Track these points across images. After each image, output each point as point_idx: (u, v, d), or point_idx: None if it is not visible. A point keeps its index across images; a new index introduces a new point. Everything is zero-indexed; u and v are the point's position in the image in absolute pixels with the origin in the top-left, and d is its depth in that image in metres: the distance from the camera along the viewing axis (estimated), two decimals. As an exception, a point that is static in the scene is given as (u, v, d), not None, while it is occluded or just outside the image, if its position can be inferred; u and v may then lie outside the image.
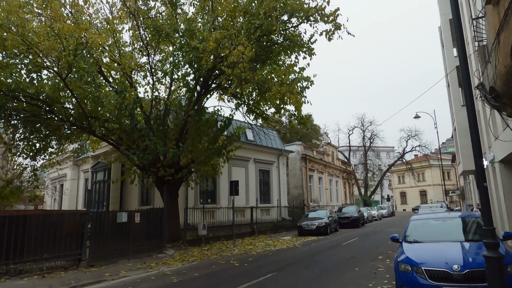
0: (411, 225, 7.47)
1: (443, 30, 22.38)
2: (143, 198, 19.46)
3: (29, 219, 9.08)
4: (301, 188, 29.77)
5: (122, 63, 13.70)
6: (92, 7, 13.28)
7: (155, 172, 13.95)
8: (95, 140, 16.78)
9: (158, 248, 12.76)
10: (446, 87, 24.65)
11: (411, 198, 63.90)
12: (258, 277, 8.38)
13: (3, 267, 8.39)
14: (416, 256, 5.96)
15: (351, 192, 46.06)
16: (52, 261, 9.44)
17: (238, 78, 10.74)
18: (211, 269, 9.79)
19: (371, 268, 9.21)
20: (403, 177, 63.65)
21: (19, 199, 15.57)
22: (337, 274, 8.60)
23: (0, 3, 10.08)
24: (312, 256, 11.67)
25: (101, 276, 8.87)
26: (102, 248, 10.64)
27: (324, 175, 35.24)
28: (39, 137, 14.43)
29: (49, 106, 12.56)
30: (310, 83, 12.69)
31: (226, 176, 20.39)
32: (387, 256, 10.97)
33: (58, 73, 11.29)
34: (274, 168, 25.79)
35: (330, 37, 11.26)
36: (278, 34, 12.72)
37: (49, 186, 30.60)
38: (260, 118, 15.93)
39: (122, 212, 11.71)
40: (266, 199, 24.59)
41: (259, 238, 18.49)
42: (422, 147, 48.00)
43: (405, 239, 6.98)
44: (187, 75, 14.69)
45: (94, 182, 22.73)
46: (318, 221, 19.93)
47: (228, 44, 10.66)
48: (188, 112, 13.99)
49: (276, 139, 26.85)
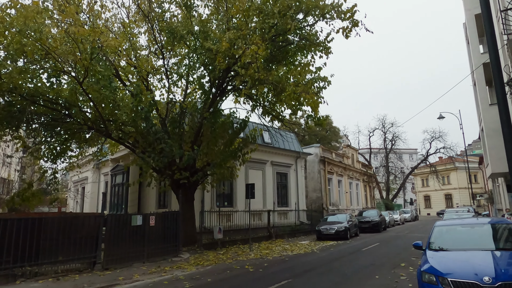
0: (436, 231, 6.96)
1: (468, 27, 21.42)
2: (160, 201, 19.53)
3: (44, 222, 9.13)
4: (320, 191, 29.20)
5: (138, 67, 13.79)
6: (109, 11, 13.41)
7: (170, 175, 13.92)
8: (113, 144, 16.98)
9: (173, 252, 12.66)
10: (472, 85, 23.55)
11: (436, 201, 61.68)
12: (272, 284, 8.07)
13: (19, 270, 8.47)
14: (441, 265, 5.49)
15: (372, 196, 44.89)
16: (67, 263, 9.47)
17: (252, 79, 10.51)
18: (224, 275, 9.55)
19: (393, 276, 8.71)
20: (427, 180, 61.50)
21: (40, 201, 15.88)
22: (356, 282, 8.17)
23: (19, 10, 10.29)
24: (330, 262, 11.23)
25: (114, 280, 8.80)
26: (117, 251, 10.61)
27: (343, 178, 34.47)
28: (59, 140, 14.72)
29: (67, 110, 12.75)
30: (327, 83, 12.29)
31: (242, 179, 20.20)
32: (410, 264, 10.40)
33: (75, 77, 11.44)
34: (292, 171, 25.38)
35: (348, 35, 10.87)
36: (293, 34, 12.43)
37: (71, 188, 31.38)
38: (276, 120, 15.64)
39: (137, 215, 11.68)
40: (283, 202, 24.21)
41: (276, 242, 18.14)
42: (447, 149, 46.29)
43: (429, 246, 6.49)
44: (202, 77, 14.65)
45: (113, 185, 23.07)
46: (338, 225, 19.37)
47: (241, 44, 10.46)
48: (203, 114, 13.91)
49: (294, 141, 26.46)
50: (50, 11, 11.58)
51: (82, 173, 29.04)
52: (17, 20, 9.80)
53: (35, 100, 11.87)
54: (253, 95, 14.88)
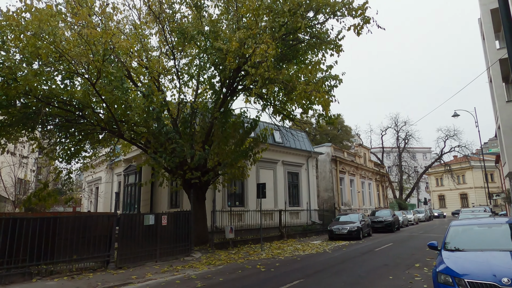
0: (451, 231, 6.80)
1: (483, 22, 20.91)
2: (172, 201, 19.67)
3: (59, 221, 9.29)
4: (332, 191, 28.96)
5: (150, 67, 13.93)
6: (120, 13, 13.57)
7: (182, 174, 14.00)
8: (125, 144, 17.19)
9: (185, 251, 12.73)
10: (488, 82, 23.00)
11: (451, 201, 60.51)
12: (283, 284, 8.02)
13: (36, 268, 8.63)
14: (457, 266, 5.36)
15: (385, 195, 44.31)
16: (81, 262, 9.62)
17: (262, 78, 10.47)
18: (236, 274, 9.55)
19: (407, 277, 8.55)
20: (442, 180, 60.39)
21: (55, 201, 16.19)
22: (369, 282, 8.05)
23: (33, 13, 10.50)
24: (342, 263, 11.11)
25: (127, 279, 8.90)
26: (129, 250, 10.73)
27: (355, 177, 34.11)
28: (73, 141, 14.98)
29: (81, 111, 12.96)
30: (338, 82, 12.16)
31: (254, 178, 20.19)
32: (425, 264, 10.20)
33: (88, 79, 11.61)
34: (303, 170, 25.24)
35: (359, 32, 10.72)
36: (304, 32, 12.35)
37: (85, 189, 31.92)
38: (287, 119, 15.58)
39: (149, 215, 11.78)
40: (295, 202, 24.10)
41: (288, 242, 18.06)
42: (462, 147, 45.30)
43: (444, 246, 6.35)
44: (213, 78, 14.69)
45: (126, 185, 23.36)
46: (350, 225, 19.17)
47: (251, 43, 10.44)
48: (214, 114, 13.95)
49: (305, 140, 26.32)
50: (64, 14, 11.81)
51: (95, 173, 29.52)
52: (32, 24, 10.00)
53: (49, 102, 12.09)
54: (264, 94, 14.84)
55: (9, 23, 9.85)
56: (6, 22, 9.93)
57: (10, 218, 8.41)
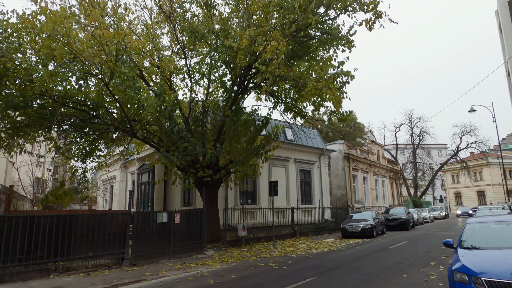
0: (468, 228, 6.65)
1: (500, 14, 20.32)
2: (185, 199, 19.85)
3: (75, 219, 9.49)
4: (344, 188, 28.72)
5: (162, 67, 14.06)
6: (132, 14, 13.72)
7: (194, 173, 14.10)
8: (139, 143, 17.41)
9: (198, 249, 12.83)
10: (506, 76, 22.36)
11: (467, 199, 59.20)
12: (296, 281, 7.99)
13: (53, 264, 8.84)
14: (474, 264, 5.23)
15: (399, 193, 43.67)
16: (97, 259, 9.80)
17: (273, 75, 10.43)
18: (248, 272, 9.57)
19: (422, 275, 8.41)
20: (458, 177, 59.10)
21: (71, 199, 16.53)
22: (382, 281, 7.95)
23: (48, 15, 10.71)
24: (355, 260, 11.01)
25: (141, 276, 9.02)
26: (143, 248, 10.88)
27: (369, 174, 33.71)
28: (88, 141, 15.27)
29: (95, 111, 13.18)
30: (350, 78, 12.01)
31: (266, 176, 20.18)
32: (440, 262, 10.02)
33: (102, 79, 11.79)
34: (315, 168, 25.09)
35: (371, 27, 10.55)
36: (315, 28, 12.23)
37: (101, 187, 32.52)
38: (298, 116, 15.51)
39: (162, 213, 11.91)
40: (307, 200, 24.00)
41: (300, 240, 18.00)
42: (479, 143, 44.24)
43: (460, 244, 6.22)
44: (224, 76, 14.73)
45: (140, 183, 23.69)
46: (363, 223, 18.97)
47: (262, 40, 10.40)
48: (225, 112, 13.99)
49: (317, 138, 26.14)
50: (77, 16, 12.01)
51: (110, 172, 30.02)
52: (47, 26, 10.21)
53: (64, 102, 12.34)
54: (275, 92, 14.80)
55: (25, 25, 10.06)
56: (22, 24, 10.15)
57: (28, 216, 8.63)
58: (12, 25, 10.31)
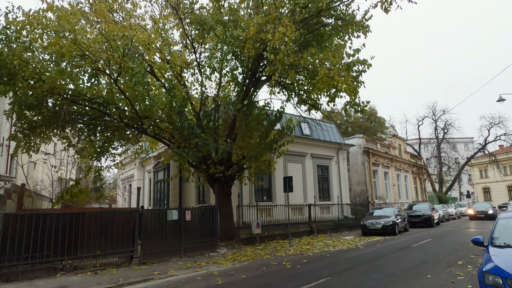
0: (500, 224, 5.94)
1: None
2: (200, 196, 19.62)
3: (82, 217, 9.32)
4: (364, 184, 27.77)
5: (172, 62, 13.78)
6: (140, 8, 13.49)
7: (206, 169, 13.77)
8: (153, 141, 17.27)
9: (211, 247, 12.49)
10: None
11: (497, 194, 56.32)
12: (308, 282, 7.47)
13: (60, 263, 8.69)
14: (509, 265, 4.58)
15: (423, 188, 42.04)
16: (105, 258, 9.60)
17: (281, 64, 9.89)
18: (260, 271, 9.12)
19: (448, 275, 7.70)
20: (486, 171, 56.38)
21: (87, 197, 16.58)
22: (404, 282, 7.31)
23: (55, 11, 10.60)
24: (375, 259, 10.35)
25: (149, 275, 8.74)
26: (153, 246, 10.62)
27: (390, 169, 32.52)
28: (102, 139, 15.23)
29: (105, 108, 13.05)
30: (367, 66, 11.32)
31: (281, 172, 19.67)
32: (469, 262, 9.23)
33: (110, 75, 11.61)
34: (333, 163, 24.33)
35: (387, 9, 9.81)
36: (327, 15, 11.58)
37: (119, 186, 32.93)
38: (313, 108, 14.86)
39: (172, 210, 11.62)
40: (325, 196, 23.29)
41: (318, 237, 17.39)
42: (509, 135, 41.85)
43: (492, 242, 5.53)
44: (235, 69, 14.30)
45: (156, 181, 23.69)
46: (384, 220, 18.13)
47: (270, 28, 9.88)
48: (237, 106, 13.56)
49: (335, 132, 25.35)
50: (85, 12, 11.86)
51: (128, 171, 30.33)
52: (53, 22, 10.08)
53: (74, 100, 12.26)
54: (288, 84, 14.25)
55: (30, 22, 9.97)
56: (27, 20, 10.06)
57: (34, 214, 8.50)
58: (19, 22, 10.23)
